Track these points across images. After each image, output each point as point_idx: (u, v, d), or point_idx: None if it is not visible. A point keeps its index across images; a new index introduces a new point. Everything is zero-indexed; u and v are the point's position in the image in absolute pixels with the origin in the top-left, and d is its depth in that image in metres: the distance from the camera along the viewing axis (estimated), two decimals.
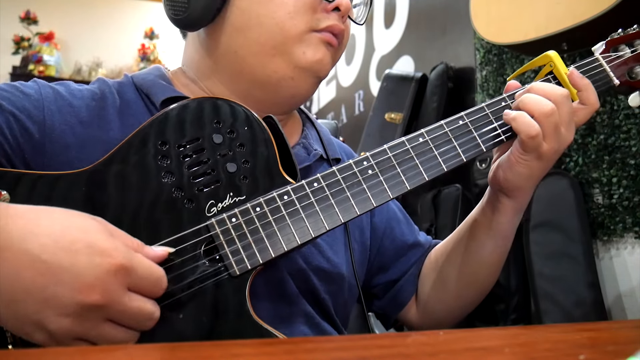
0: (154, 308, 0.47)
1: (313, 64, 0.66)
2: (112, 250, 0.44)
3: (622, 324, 0.67)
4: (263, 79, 0.67)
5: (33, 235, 0.42)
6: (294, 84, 0.67)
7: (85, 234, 0.44)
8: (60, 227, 0.44)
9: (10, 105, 0.59)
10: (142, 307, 0.45)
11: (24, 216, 0.44)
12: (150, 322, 0.47)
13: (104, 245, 0.44)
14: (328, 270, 0.67)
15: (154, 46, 4.87)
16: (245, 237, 0.53)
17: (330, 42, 0.67)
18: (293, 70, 0.66)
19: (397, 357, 0.35)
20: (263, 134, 0.58)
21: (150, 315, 0.46)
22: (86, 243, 0.43)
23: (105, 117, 0.63)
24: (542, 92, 0.62)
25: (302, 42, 0.65)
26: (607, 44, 0.71)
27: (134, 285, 0.45)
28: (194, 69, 0.72)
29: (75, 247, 0.42)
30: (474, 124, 0.63)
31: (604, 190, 1.21)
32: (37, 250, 0.42)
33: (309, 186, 0.56)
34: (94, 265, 0.42)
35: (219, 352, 0.37)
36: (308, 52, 0.65)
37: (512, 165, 0.64)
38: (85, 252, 0.42)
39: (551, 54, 0.68)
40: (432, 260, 0.80)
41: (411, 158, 0.60)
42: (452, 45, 1.89)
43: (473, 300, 0.78)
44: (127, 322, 0.45)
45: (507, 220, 0.69)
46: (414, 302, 0.81)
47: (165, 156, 0.55)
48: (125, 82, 0.70)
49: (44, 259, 0.41)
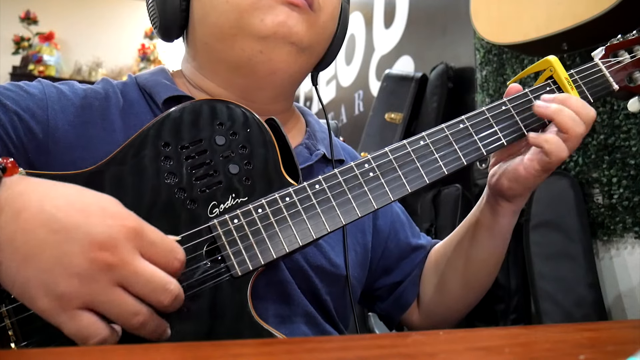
0: (170, 279, 0.44)
1: (276, 29, 0.62)
2: (125, 215, 0.44)
3: (622, 324, 0.67)
4: (235, 62, 0.65)
5: (50, 198, 0.43)
6: (266, 58, 0.63)
7: (100, 200, 0.45)
8: (76, 192, 0.45)
9: (15, 104, 0.59)
10: (156, 273, 0.43)
11: (42, 184, 0.45)
12: (166, 296, 0.43)
13: (118, 210, 0.44)
14: (329, 271, 0.67)
15: (154, 46, 4.87)
16: (247, 238, 0.53)
17: (292, 2, 0.62)
18: (258, 43, 0.62)
19: (397, 357, 0.35)
20: (265, 136, 0.58)
21: (165, 285, 0.43)
22: (100, 207, 0.44)
23: (109, 118, 0.64)
24: (577, 110, 0.62)
25: (257, 10, 0.62)
26: (606, 49, 0.71)
27: (147, 252, 0.44)
28: (185, 69, 0.73)
29: (90, 208, 0.43)
30: (474, 127, 0.63)
31: (604, 190, 1.21)
32: (53, 210, 0.42)
33: (310, 188, 0.56)
34: (106, 226, 0.42)
35: (219, 352, 0.37)
36: (266, 18, 0.61)
37: (519, 178, 0.64)
38: (98, 214, 0.43)
39: (551, 58, 0.68)
40: (432, 262, 0.81)
41: (412, 161, 0.60)
42: (452, 45, 1.89)
43: (472, 300, 0.79)
44: (139, 289, 0.42)
45: (506, 222, 0.70)
46: (416, 303, 0.81)
47: (167, 157, 0.55)
48: (129, 83, 0.70)
49: (58, 217, 0.42)
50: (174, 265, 0.45)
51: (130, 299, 0.42)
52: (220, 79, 0.69)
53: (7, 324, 0.46)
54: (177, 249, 0.46)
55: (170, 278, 0.44)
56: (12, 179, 0.44)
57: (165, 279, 0.44)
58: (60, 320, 0.41)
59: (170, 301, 0.44)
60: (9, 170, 0.45)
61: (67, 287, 0.41)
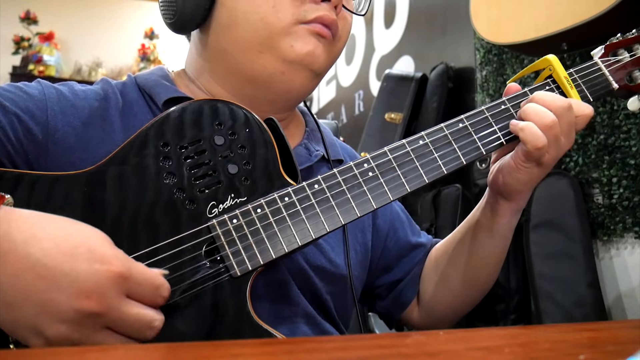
0: (154, 316, 0.46)
1: (303, 57, 0.64)
2: (112, 258, 0.44)
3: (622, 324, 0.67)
4: (253, 76, 0.66)
5: (36, 239, 0.42)
6: (286, 79, 0.65)
7: (87, 240, 0.44)
8: (63, 232, 0.44)
9: (14, 106, 0.59)
10: (141, 314, 0.45)
11: (28, 220, 0.44)
12: (151, 332, 0.46)
13: (105, 252, 0.44)
14: (329, 270, 0.68)
15: (154, 46, 4.87)
16: (246, 238, 0.53)
17: (320, 33, 0.65)
18: (282, 65, 0.64)
19: (397, 357, 0.35)
20: (264, 136, 0.58)
21: (150, 323, 0.45)
22: (87, 248, 0.43)
23: (108, 118, 0.64)
24: (543, 102, 0.62)
25: (288, 35, 0.64)
26: (606, 48, 0.71)
27: (134, 293, 0.45)
28: (192, 69, 0.73)
29: (77, 252, 0.43)
30: (473, 126, 0.63)
31: (604, 190, 1.21)
32: (39, 254, 0.42)
33: (309, 188, 0.56)
34: (92, 272, 0.42)
35: (219, 352, 0.37)
36: (296, 45, 0.64)
37: (512, 171, 0.64)
38: (85, 258, 0.43)
39: (550, 58, 0.68)
40: (433, 260, 0.81)
41: (411, 160, 0.60)
42: (452, 45, 1.89)
43: (474, 300, 0.79)
44: (125, 330, 0.44)
45: (506, 222, 0.70)
46: (416, 301, 0.81)
47: (166, 157, 0.55)
48: (128, 83, 0.70)
49: (44, 263, 0.42)
50: (158, 303, 0.47)
51: (117, 340, 0.44)
52: (231, 86, 0.68)
53: None
54: (161, 286, 0.47)
55: (154, 314, 0.46)
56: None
57: (150, 317, 0.45)
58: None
59: (155, 334, 0.46)
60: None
61: (55, 332, 0.42)
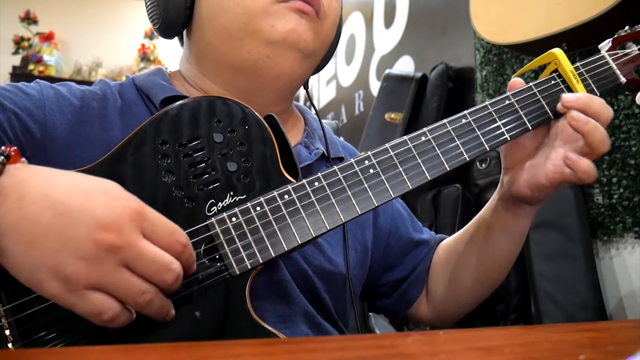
0: (172, 260, 0.45)
1: (285, 35, 0.63)
2: (127, 196, 0.45)
3: (622, 324, 0.67)
4: (240, 64, 0.65)
5: (53, 183, 0.44)
6: (273, 62, 0.64)
7: (102, 183, 0.46)
8: (78, 177, 0.46)
9: (12, 104, 0.59)
10: (159, 254, 0.44)
11: (44, 171, 0.46)
12: (169, 274, 0.44)
13: (120, 192, 0.45)
14: (329, 270, 0.67)
15: (154, 46, 4.87)
16: (245, 237, 0.53)
17: (301, 9, 0.63)
18: (266, 48, 0.63)
19: (397, 357, 0.35)
20: (263, 133, 0.58)
21: (168, 265, 0.44)
22: (103, 189, 0.45)
23: (107, 117, 0.64)
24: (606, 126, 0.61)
25: (267, 16, 0.62)
26: (613, 42, 0.69)
27: (149, 233, 0.45)
28: (184, 69, 0.73)
29: (93, 191, 0.44)
30: (477, 122, 0.62)
31: (604, 190, 1.21)
32: (57, 193, 0.43)
33: (309, 185, 0.56)
34: (110, 208, 0.43)
35: (219, 352, 0.37)
36: (277, 24, 0.62)
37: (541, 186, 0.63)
38: (101, 196, 0.44)
39: (556, 51, 0.66)
40: (443, 259, 0.80)
41: (413, 157, 0.59)
42: (452, 45, 1.89)
43: (484, 295, 0.79)
44: (144, 269, 0.43)
45: (526, 223, 0.70)
46: (423, 297, 0.81)
47: (165, 155, 0.54)
48: (126, 84, 0.70)
49: (61, 200, 0.43)
50: (175, 248, 0.46)
51: (136, 279, 0.43)
52: (222, 80, 0.68)
53: (4, 323, 0.46)
54: (178, 230, 0.47)
55: (172, 258, 0.45)
56: (15, 166, 0.45)
57: (168, 259, 0.45)
58: (70, 302, 0.42)
59: (174, 280, 0.45)
60: (12, 158, 0.46)
61: (74, 269, 0.41)
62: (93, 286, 0.42)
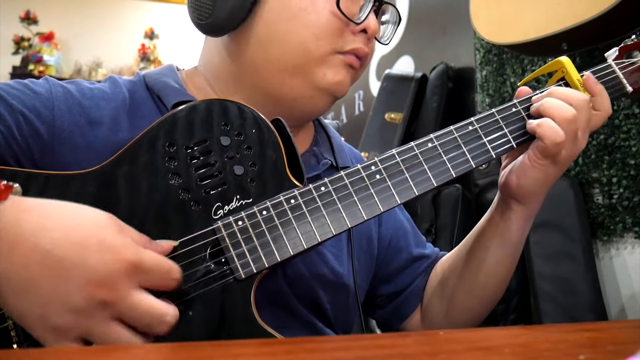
0: (167, 310, 0.45)
1: (332, 86, 0.65)
2: (121, 247, 0.43)
3: (622, 324, 0.67)
4: (279, 95, 0.66)
5: (45, 230, 0.42)
6: (311, 103, 0.66)
7: (97, 229, 0.44)
8: (71, 222, 0.44)
9: (21, 104, 0.58)
10: (153, 306, 0.44)
11: (36, 210, 0.44)
12: (162, 327, 0.44)
13: (114, 241, 0.44)
14: (332, 280, 0.67)
15: (154, 46, 4.86)
16: (251, 241, 0.52)
17: (352, 65, 0.66)
18: (311, 89, 0.65)
19: (397, 357, 0.35)
20: (271, 137, 0.57)
21: (161, 317, 0.44)
22: (97, 239, 0.43)
23: (115, 118, 0.63)
24: (563, 96, 0.61)
25: (324, 64, 0.64)
26: (620, 50, 0.69)
27: (145, 281, 0.44)
28: (211, 72, 0.70)
29: (86, 243, 0.42)
30: (483, 129, 0.62)
31: (604, 190, 1.21)
32: (49, 245, 0.42)
33: (316, 190, 0.56)
34: (104, 263, 0.42)
35: (219, 352, 0.37)
36: (329, 73, 0.64)
37: (527, 170, 0.63)
38: (95, 249, 0.42)
39: (563, 59, 0.66)
40: (438, 273, 0.78)
41: (419, 163, 0.59)
42: (452, 45, 1.89)
43: (479, 315, 0.76)
44: (135, 322, 0.43)
45: (517, 228, 0.68)
46: (418, 313, 0.79)
47: (172, 158, 0.54)
48: (137, 82, 0.68)
49: (54, 254, 0.41)
50: (170, 286, 0.46)
51: (125, 332, 0.43)
52: (253, 100, 0.66)
53: (9, 324, 0.46)
54: (172, 269, 0.46)
55: (168, 308, 0.45)
56: (6, 204, 0.43)
57: (163, 311, 0.44)
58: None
59: (167, 330, 0.45)
60: (2, 194, 0.43)
61: (64, 321, 0.41)
62: (81, 337, 0.42)
